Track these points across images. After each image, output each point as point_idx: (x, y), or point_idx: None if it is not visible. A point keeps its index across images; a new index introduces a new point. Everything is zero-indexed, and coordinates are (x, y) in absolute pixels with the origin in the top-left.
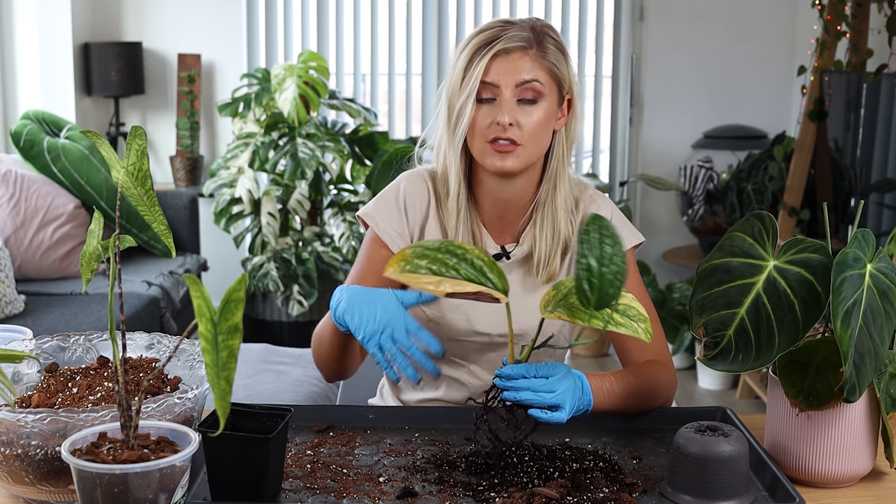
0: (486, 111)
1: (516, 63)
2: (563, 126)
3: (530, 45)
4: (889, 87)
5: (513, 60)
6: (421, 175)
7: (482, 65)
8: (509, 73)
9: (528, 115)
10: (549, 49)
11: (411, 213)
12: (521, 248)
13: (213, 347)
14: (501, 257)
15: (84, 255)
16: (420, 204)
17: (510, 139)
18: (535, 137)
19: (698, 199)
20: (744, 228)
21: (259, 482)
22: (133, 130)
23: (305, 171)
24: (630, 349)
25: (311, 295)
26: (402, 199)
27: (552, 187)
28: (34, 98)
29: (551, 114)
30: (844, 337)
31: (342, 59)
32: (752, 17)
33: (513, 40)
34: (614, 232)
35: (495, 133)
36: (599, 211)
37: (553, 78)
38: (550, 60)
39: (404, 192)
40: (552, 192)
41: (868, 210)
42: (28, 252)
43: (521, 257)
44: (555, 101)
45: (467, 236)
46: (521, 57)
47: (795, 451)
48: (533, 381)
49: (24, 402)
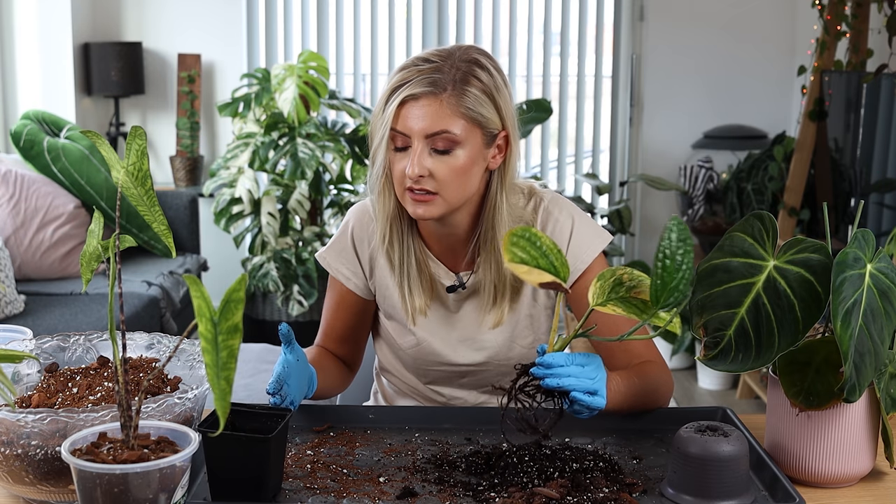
0: (402, 159)
1: (425, 111)
2: (498, 163)
3: (442, 89)
4: (889, 87)
5: (421, 107)
6: (365, 208)
7: (391, 111)
8: (417, 123)
9: (443, 163)
10: (465, 92)
11: (360, 249)
12: (476, 277)
13: (213, 347)
14: (456, 288)
15: (84, 255)
16: (368, 240)
17: (424, 189)
18: (453, 185)
19: (698, 199)
20: (744, 228)
21: (259, 482)
22: (133, 130)
23: (305, 171)
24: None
25: (311, 295)
26: (349, 238)
27: (490, 226)
28: (34, 98)
29: (473, 158)
30: (844, 337)
31: (342, 59)
32: (752, 17)
33: (421, 84)
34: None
35: (409, 184)
36: (557, 225)
37: (472, 122)
38: (467, 106)
39: (352, 231)
40: (490, 230)
41: (868, 210)
42: (28, 252)
43: (476, 285)
44: (477, 145)
45: (413, 269)
46: (431, 103)
47: (795, 451)
48: (573, 368)
49: (24, 402)
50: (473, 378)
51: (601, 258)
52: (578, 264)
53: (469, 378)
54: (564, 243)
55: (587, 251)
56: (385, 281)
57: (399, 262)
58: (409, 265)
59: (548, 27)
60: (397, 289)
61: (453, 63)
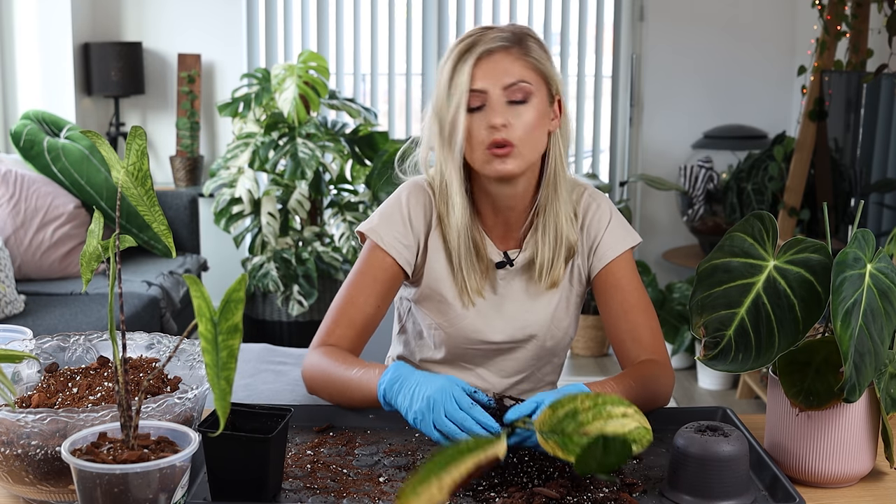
0: (479, 119)
1: (500, 64)
2: (557, 127)
3: (512, 44)
4: (889, 87)
5: (497, 62)
6: (422, 186)
7: (466, 71)
8: (495, 76)
9: (520, 115)
10: (531, 47)
11: (416, 224)
12: (524, 255)
13: (213, 347)
14: (505, 264)
15: (84, 255)
16: (424, 216)
17: (505, 141)
18: (529, 138)
19: (698, 199)
20: (744, 228)
21: (259, 482)
22: (133, 130)
23: (305, 171)
24: (628, 348)
25: (311, 295)
26: (405, 211)
27: (552, 191)
28: (34, 98)
29: (543, 113)
30: (844, 337)
31: (342, 59)
32: (752, 17)
33: (494, 41)
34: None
35: (491, 136)
36: (599, 211)
37: (540, 76)
38: (534, 58)
39: (407, 204)
40: (552, 195)
41: (868, 210)
42: (28, 252)
43: (524, 263)
44: (545, 100)
45: (468, 245)
46: (505, 57)
47: (795, 451)
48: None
49: (24, 402)
50: (509, 359)
51: (630, 255)
52: (609, 252)
53: (504, 358)
54: (602, 230)
55: (620, 242)
56: (436, 263)
57: (456, 238)
58: (466, 240)
59: (548, 27)
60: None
61: (512, 29)
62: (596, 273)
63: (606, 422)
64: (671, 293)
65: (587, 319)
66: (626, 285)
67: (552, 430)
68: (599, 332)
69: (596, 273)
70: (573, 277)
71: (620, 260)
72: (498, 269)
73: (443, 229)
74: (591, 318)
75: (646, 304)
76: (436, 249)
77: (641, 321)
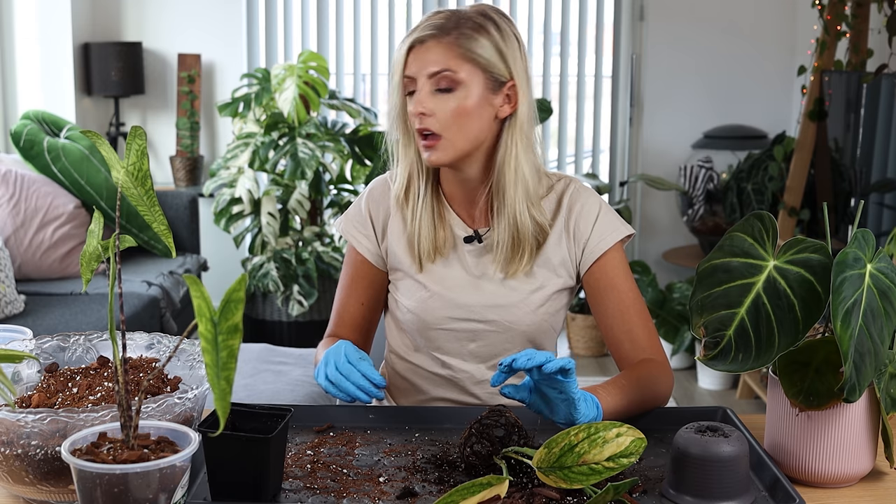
0: (411, 105)
1: (429, 53)
2: (508, 113)
3: (444, 32)
4: (889, 87)
5: (426, 50)
6: (384, 178)
7: (400, 58)
8: (422, 64)
9: (444, 103)
10: (467, 35)
11: (375, 213)
12: (493, 232)
13: (213, 347)
14: (473, 240)
15: (84, 255)
16: (383, 205)
17: (428, 130)
18: (455, 126)
19: (698, 199)
20: (744, 228)
21: (259, 482)
22: (133, 130)
23: (305, 171)
24: (626, 349)
25: (311, 295)
26: (364, 204)
27: (501, 177)
28: (34, 98)
29: (477, 101)
30: (844, 337)
31: (342, 59)
32: (752, 17)
33: (427, 29)
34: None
35: (416, 125)
36: (585, 205)
37: (474, 64)
38: (467, 47)
39: (367, 197)
40: (502, 181)
41: (868, 210)
42: (28, 252)
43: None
44: (481, 88)
45: (429, 220)
46: (435, 45)
47: (795, 451)
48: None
49: (24, 402)
50: (482, 344)
51: (621, 249)
52: (601, 244)
53: (478, 344)
54: (591, 224)
55: (610, 234)
56: (396, 239)
57: (412, 209)
58: (424, 211)
59: (548, 27)
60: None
61: (462, 14)
62: (588, 268)
63: (603, 448)
64: (671, 293)
65: (587, 319)
66: (620, 285)
67: (552, 466)
68: (599, 332)
69: (588, 268)
70: (556, 266)
71: (613, 255)
72: (466, 244)
73: (402, 212)
74: (591, 318)
75: (640, 304)
76: (396, 231)
77: (637, 321)
